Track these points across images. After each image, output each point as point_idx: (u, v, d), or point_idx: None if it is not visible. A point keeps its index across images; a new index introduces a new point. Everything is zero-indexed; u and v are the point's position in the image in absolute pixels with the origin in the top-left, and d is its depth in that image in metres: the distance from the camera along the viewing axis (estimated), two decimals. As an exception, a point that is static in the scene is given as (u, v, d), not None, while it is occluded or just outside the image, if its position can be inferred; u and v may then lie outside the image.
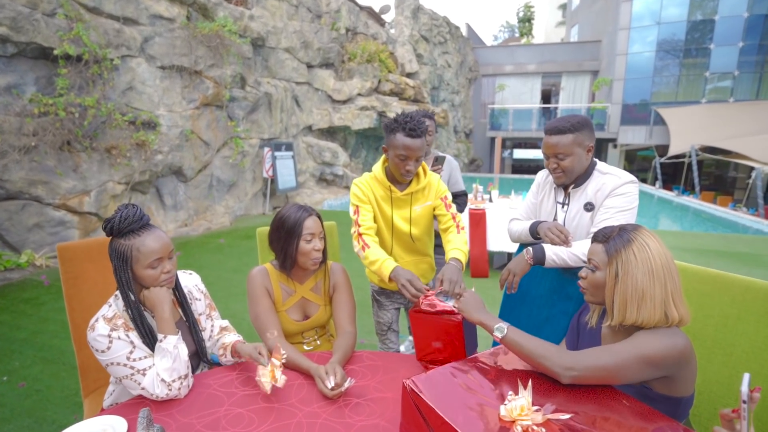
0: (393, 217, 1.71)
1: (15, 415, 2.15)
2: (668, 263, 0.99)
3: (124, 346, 1.17)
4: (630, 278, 0.99)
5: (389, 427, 1.05)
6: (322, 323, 1.62)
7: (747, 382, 0.70)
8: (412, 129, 1.51)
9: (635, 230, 1.03)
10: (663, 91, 16.26)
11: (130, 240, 1.18)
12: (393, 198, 1.69)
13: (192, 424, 1.09)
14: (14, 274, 4.16)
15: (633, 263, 0.99)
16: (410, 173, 1.59)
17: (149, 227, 1.22)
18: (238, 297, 3.79)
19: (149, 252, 1.18)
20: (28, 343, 2.90)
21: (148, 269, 1.20)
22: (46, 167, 4.52)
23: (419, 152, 1.55)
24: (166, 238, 1.24)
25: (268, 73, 8.36)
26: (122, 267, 1.17)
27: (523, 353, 1.00)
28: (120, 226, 1.16)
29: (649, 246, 0.99)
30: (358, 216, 1.67)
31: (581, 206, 1.51)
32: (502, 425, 0.83)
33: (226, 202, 7.29)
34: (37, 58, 4.65)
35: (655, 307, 0.97)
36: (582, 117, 1.48)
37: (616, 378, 0.94)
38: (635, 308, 0.98)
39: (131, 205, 1.21)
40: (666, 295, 0.97)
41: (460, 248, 1.62)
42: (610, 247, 1.04)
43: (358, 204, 1.69)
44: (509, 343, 1.03)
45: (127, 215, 1.17)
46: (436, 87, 16.05)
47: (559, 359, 0.95)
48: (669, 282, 0.98)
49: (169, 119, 5.88)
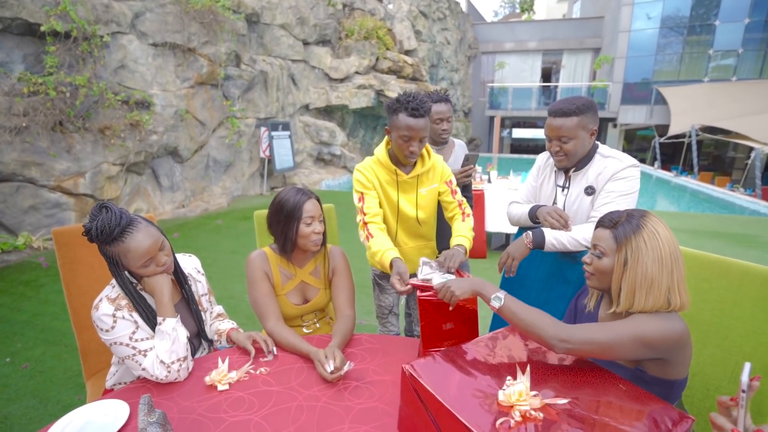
0: (399, 201, 1.68)
1: (20, 396, 2.19)
2: (676, 250, 0.98)
3: (128, 325, 1.18)
4: (640, 266, 0.98)
5: (388, 410, 1.07)
6: (321, 307, 1.63)
7: (747, 371, 0.71)
8: (414, 109, 1.48)
9: (644, 216, 1.02)
10: (665, 69, 16.03)
11: (116, 247, 1.14)
12: (399, 182, 1.66)
13: (193, 407, 1.10)
14: (12, 257, 4.15)
15: (643, 251, 0.98)
16: (414, 155, 1.56)
17: (132, 227, 1.15)
18: (237, 278, 3.81)
19: (138, 256, 1.16)
20: (29, 325, 2.92)
21: (142, 268, 1.19)
22: (38, 148, 4.45)
23: (423, 132, 1.52)
24: (153, 234, 1.19)
25: (264, 50, 8.16)
26: (116, 269, 1.18)
27: (520, 322, 1.01)
28: (100, 239, 1.12)
29: (659, 233, 0.98)
30: (363, 203, 1.63)
31: (582, 190, 1.49)
32: (501, 410, 0.84)
33: (223, 182, 7.24)
34: (24, 34, 4.51)
35: (660, 295, 0.97)
36: (587, 99, 1.44)
37: (608, 353, 0.95)
38: (644, 296, 0.98)
39: (105, 208, 1.14)
40: (672, 283, 0.97)
41: (465, 235, 1.62)
42: (618, 233, 1.02)
43: (362, 191, 1.65)
44: (506, 312, 1.04)
45: (104, 225, 1.10)
46: (435, 65, 15.76)
47: (555, 330, 0.96)
48: (675, 269, 0.98)
49: (163, 99, 5.77)
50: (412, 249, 1.78)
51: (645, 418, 0.83)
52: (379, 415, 1.05)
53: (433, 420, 0.87)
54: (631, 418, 0.83)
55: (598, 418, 0.82)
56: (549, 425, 0.80)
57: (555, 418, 0.82)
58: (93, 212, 1.13)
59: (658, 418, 0.83)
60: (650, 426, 0.81)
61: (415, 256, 1.76)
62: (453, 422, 0.81)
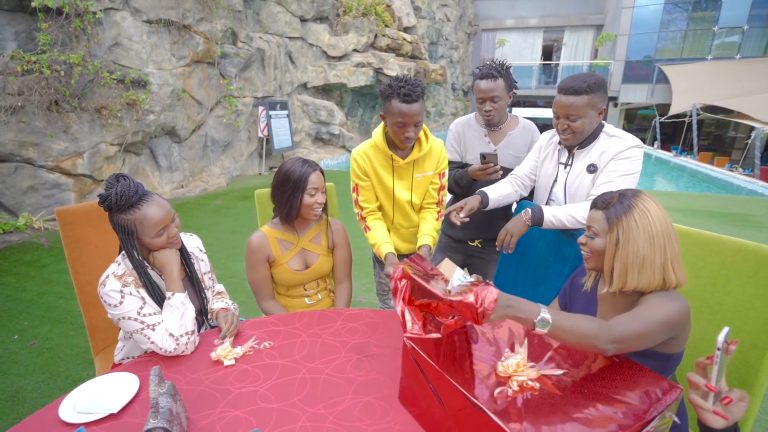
0: (394, 186, 1.71)
1: (29, 371, 2.24)
2: (668, 228, 1.00)
3: (136, 301, 1.21)
4: (631, 245, 0.99)
5: (389, 382, 1.11)
6: (322, 273, 1.69)
7: (725, 333, 0.75)
8: (406, 94, 1.47)
9: (636, 196, 1.03)
10: (668, 47, 15.77)
11: (131, 214, 1.17)
12: (394, 167, 1.68)
13: (200, 379, 1.14)
14: (13, 237, 4.17)
15: (634, 230, 0.99)
16: (410, 140, 1.57)
17: (147, 197, 1.21)
18: (237, 257, 3.84)
19: (153, 224, 1.20)
20: (34, 304, 2.96)
21: (155, 238, 1.22)
22: (35, 128, 4.41)
23: (417, 117, 1.51)
24: (167, 205, 1.25)
25: (260, 27, 7.99)
26: (128, 239, 1.19)
27: (571, 338, 0.88)
28: (118, 204, 1.15)
29: (650, 212, 0.99)
30: (358, 196, 1.72)
31: (584, 167, 1.50)
32: (498, 380, 0.87)
33: (221, 162, 7.20)
34: (15, 10, 4.40)
35: (654, 273, 0.99)
36: (598, 77, 1.42)
37: (646, 343, 0.93)
38: (635, 274, 1.00)
39: (122, 177, 1.18)
40: (665, 260, 0.99)
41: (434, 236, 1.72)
42: (610, 213, 1.03)
43: (357, 182, 1.71)
44: (557, 333, 0.87)
45: (122, 192, 1.15)
46: (435, 42, 15.46)
47: (605, 335, 0.88)
48: (668, 247, 0.99)
49: (159, 77, 5.68)
50: (408, 233, 1.83)
51: (637, 388, 0.87)
52: (380, 387, 1.09)
53: (433, 390, 0.90)
54: (623, 389, 0.86)
55: (591, 389, 0.86)
56: (545, 395, 0.84)
57: (551, 389, 0.86)
58: (109, 181, 1.17)
59: (649, 388, 0.87)
60: (641, 395, 0.85)
61: (412, 237, 1.82)
62: (452, 392, 0.85)
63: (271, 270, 1.63)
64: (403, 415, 0.99)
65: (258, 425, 0.96)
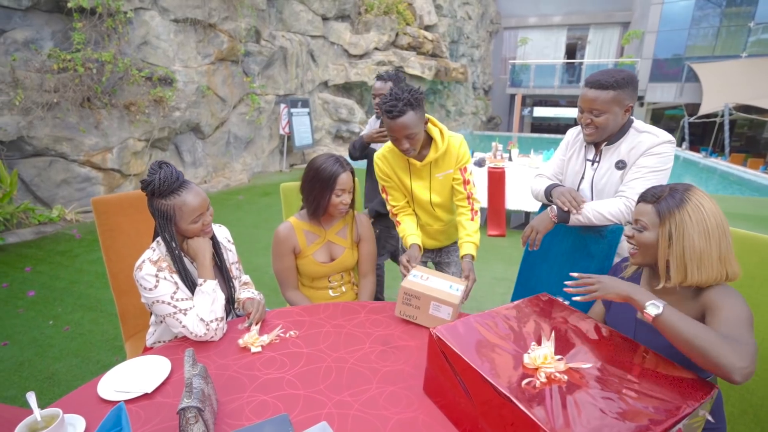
0: (412, 186, 1.72)
1: (64, 355, 2.34)
2: (722, 222, 0.99)
3: (170, 286, 1.25)
4: (686, 240, 0.98)
5: (414, 373, 1.11)
6: (347, 266, 1.71)
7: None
8: (387, 111, 1.46)
9: (688, 190, 1.02)
10: (699, 44, 15.19)
11: (171, 200, 1.23)
12: (411, 169, 1.69)
13: (228, 365, 1.17)
14: (48, 228, 4.35)
15: (688, 224, 0.98)
16: (408, 152, 1.54)
17: (186, 184, 1.26)
18: (259, 251, 3.91)
19: (191, 210, 1.25)
20: (67, 292, 3.09)
21: (191, 224, 1.27)
22: (69, 124, 4.58)
23: (405, 131, 1.47)
24: (203, 194, 1.30)
25: (283, 26, 8.09)
26: (166, 224, 1.24)
27: (683, 338, 0.88)
28: (161, 189, 1.21)
29: (704, 206, 0.98)
30: (388, 196, 1.78)
31: (612, 164, 1.47)
32: (525, 372, 0.87)
33: (243, 159, 7.33)
34: (52, 11, 4.59)
35: (713, 267, 0.98)
36: (628, 73, 1.38)
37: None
38: (695, 269, 0.98)
39: (165, 164, 1.24)
40: (721, 254, 0.98)
41: (474, 241, 1.66)
42: (662, 207, 1.02)
43: (383, 184, 1.77)
44: (666, 324, 0.90)
45: (166, 177, 1.21)
46: (456, 41, 15.34)
47: (733, 353, 0.82)
48: (723, 241, 0.98)
49: (185, 75, 5.83)
50: (436, 231, 1.84)
51: (668, 384, 0.85)
52: (405, 377, 1.10)
53: (460, 381, 0.91)
54: (654, 384, 0.85)
55: (621, 383, 0.85)
56: (573, 387, 0.83)
57: (579, 382, 0.85)
58: (152, 168, 1.23)
59: (682, 384, 0.85)
60: (673, 391, 0.83)
61: (440, 235, 1.85)
62: (479, 382, 0.85)
63: (296, 261, 1.65)
64: (428, 406, 1.00)
65: (285, 410, 0.98)
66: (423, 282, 1.38)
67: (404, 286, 1.34)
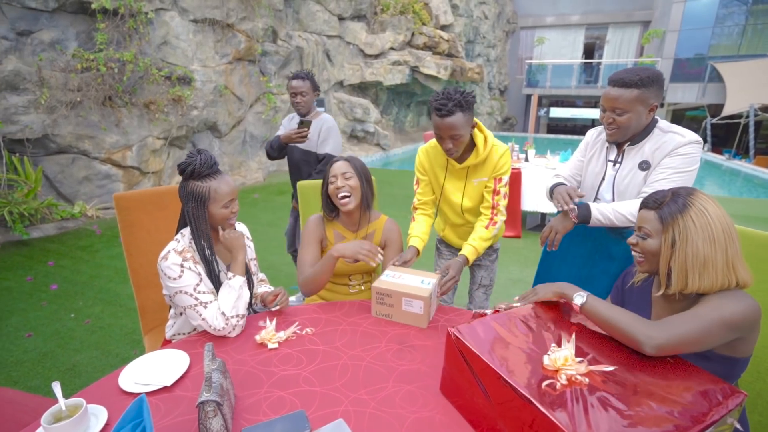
0: (445, 186, 1.73)
1: (85, 347, 2.40)
2: (729, 227, 0.95)
3: (194, 277, 1.27)
4: (690, 246, 0.95)
5: (430, 372, 1.11)
6: (369, 269, 1.71)
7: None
8: (437, 108, 1.47)
9: (691, 194, 0.98)
10: (723, 43, 14.77)
11: (207, 182, 1.28)
12: (449, 168, 1.70)
13: (245, 360, 1.18)
14: (69, 224, 4.46)
15: (692, 230, 0.95)
16: (450, 152, 1.55)
17: (219, 171, 1.33)
18: (274, 249, 3.94)
19: (225, 193, 1.31)
20: (87, 286, 3.16)
21: (223, 209, 1.32)
22: (91, 122, 4.70)
23: (451, 131, 1.48)
24: (233, 182, 1.35)
25: (299, 26, 8.16)
26: (198, 206, 1.28)
27: (604, 322, 0.97)
28: (200, 170, 1.26)
29: (708, 211, 0.95)
30: (418, 188, 1.80)
31: (635, 165, 1.44)
32: (545, 373, 0.85)
33: (259, 158, 7.41)
34: (77, 12, 4.71)
35: (717, 274, 0.94)
36: (653, 71, 1.35)
37: (699, 345, 0.90)
38: (696, 276, 0.95)
39: (204, 151, 1.30)
40: (727, 260, 0.94)
41: (475, 245, 1.65)
42: (664, 213, 0.99)
43: (418, 176, 1.80)
44: (589, 310, 1.01)
45: (205, 160, 1.27)
46: (472, 40, 15.24)
47: (643, 328, 0.91)
48: (730, 247, 0.94)
49: (203, 74, 5.92)
50: (461, 232, 1.85)
51: (693, 389, 0.83)
52: (421, 377, 1.09)
53: (478, 381, 0.90)
54: (679, 389, 0.83)
55: (644, 387, 0.83)
56: (594, 390, 0.81)
57: (600, 385, 0.83)
58: (191, 153, 1.29)
59: (709, 390, 0.82)
60: (698, 397, 0.80)
61: (465, 235, 1.83)
62: (498, 383, 0.84)
63: (322, 254, 1.67)
64: (444, 405, 0.99)
65: (302, 407, 0.99)
66: (394, 280, 1.40)
67: (375, 286, 1.36)
